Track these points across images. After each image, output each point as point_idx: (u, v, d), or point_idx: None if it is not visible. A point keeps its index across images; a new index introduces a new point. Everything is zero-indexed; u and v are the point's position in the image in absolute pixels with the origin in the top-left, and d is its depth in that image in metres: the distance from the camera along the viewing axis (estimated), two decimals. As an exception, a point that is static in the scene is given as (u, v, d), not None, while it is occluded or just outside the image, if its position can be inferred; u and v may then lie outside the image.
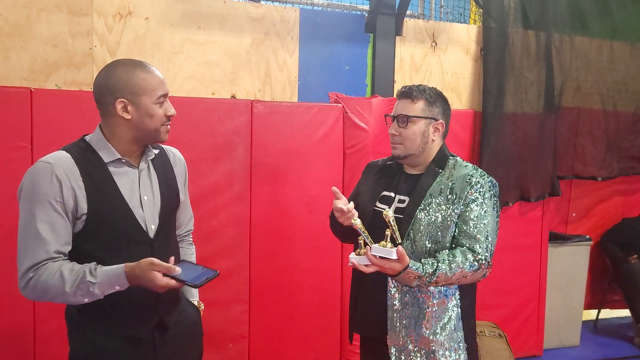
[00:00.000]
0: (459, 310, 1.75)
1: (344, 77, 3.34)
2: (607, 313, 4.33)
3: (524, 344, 3.63)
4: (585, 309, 3.98)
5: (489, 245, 1.69)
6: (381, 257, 1.52)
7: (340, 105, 3.03)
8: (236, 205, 2.87)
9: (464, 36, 3.59)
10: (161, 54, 2.94)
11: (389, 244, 1.53)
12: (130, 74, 1.48)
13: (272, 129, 2.92)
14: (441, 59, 3.54)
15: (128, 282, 1.41)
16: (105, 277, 1.40)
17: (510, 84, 3.47)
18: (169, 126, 1.56)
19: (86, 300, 1.42)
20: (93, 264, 1.43)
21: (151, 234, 1.54)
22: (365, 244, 1.57)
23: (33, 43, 2.71)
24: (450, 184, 1.74)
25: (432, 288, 1.70)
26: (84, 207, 1.44)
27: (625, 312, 4.16)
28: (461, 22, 3.75)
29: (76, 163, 1.45)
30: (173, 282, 1.41)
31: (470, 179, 1.73)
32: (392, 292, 1.74)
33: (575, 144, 3.71)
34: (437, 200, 1.72)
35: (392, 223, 1.53)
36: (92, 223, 1.45)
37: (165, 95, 1.53)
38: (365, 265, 1.57)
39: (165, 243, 1.59)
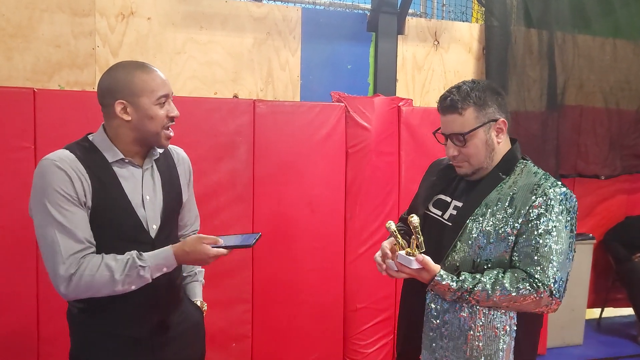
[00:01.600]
0: (512, 342, 1.49)
1: (346, 76, 3.34)
2: (610, 312, 4.31)
3: (527, 342, 3.62)
4: (588, 307, 3.97)
5: (554, 270, 1.41)
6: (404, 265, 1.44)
7: (342, 104, 3.03)
8: (238, 204, 2.87)
9: (466, 35, 3.58)
10: (163, 54, 2.95)
11: (416, 252, 1.43)
12: (130, 75, 1.48)
13: (275, 128, 2.92)
14: (443, 57, 3.54)
15: (176, 262, 1.46)
16: (153, 260, 1.44)
17: (513, 82, 3.46)
18: (171, 131, 1.55)
19: (134, 287, 1.43)
20: (135, 251, 1.45)
21: (152, 234, 1.54)
22: (417, 247, 1.45)
23: (36, 44, 2.72)
24: (511, 193, 1.49)
25: (477, 308, 1.48)
26: (90, 202, 1.44)
27: (629, 311, 4.15)
28: (463, 21, 3.74)
29: (80, 161, 1.45)
30: (223, 250, 1.47)
31: (536, 190, 1.46)
32: (431, 308, 1.55)
33: (578, 143, 3.70)
34: (492, 211, 1.48)
35: (417, 230, 1.41)
36: (94, 219, 1.45)
37: (167, 96, 1.52)
38: (395, 271, 1.47)
39: (166, 243, 1.57)
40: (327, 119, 3.00)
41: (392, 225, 1.45)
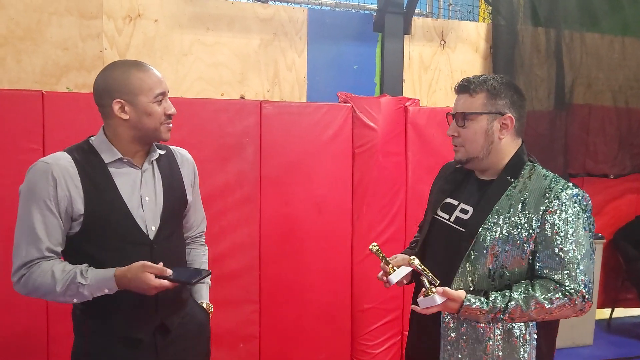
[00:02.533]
0: (534, 351, 1.48)
1: (353, 76, 3.33)
2: (620, 312, 4.28)
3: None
4: (598, 307, 3.94)
5: (583, 275, 1.39)
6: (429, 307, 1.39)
7: (349, 104, 3.03)
8: (246, 205, 2.88)
9: (473, 34, 3.57)
10: (170, 56, 2.96)
11: (433, 289, 1.38)
12: (126, 74, 1.48)
13: (281, 129, 2.93)
14: (450, 57, 3.53)
15: (117, 286, 1.42)
16: (94, 280, 1.42)
17: (520, 81, 3.44)
18: (170, 125, 1.55)
19: (75, 300, 1.45)
20: (84, 266, 1.44)
21: (151, 235, 1.53)
22: (430, 283, 1.40)
23: (44, 46, 2.74)
24: (522, 197, 1.45)
25: None
26: (80, 207, 1.44)
27: None
28: (470, 20, 3.73)
29: (75, 164, 1.46)
30: (166, 282, 1.42)
31: (548, 194, 1.43)
32: (447, 320, 1.51)
33: (587, 142, 3.68)
34: (505, 218, 1.45)
35: (421, 268, 1.38)
36: (90, 224, 1.46)
37: (163, 94, 1.51)
38: (425, 309, 1.41)
39: (166, 245, 1.57)
40: (334, 119, 3.00)
41: (374, 246, 1.49)
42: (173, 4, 2.94)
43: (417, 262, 1.37)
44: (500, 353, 1.46)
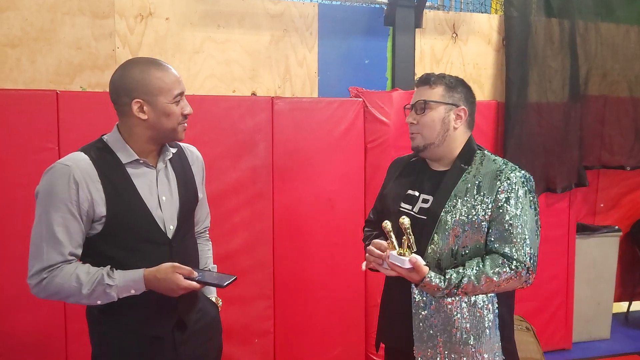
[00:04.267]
0: (497, 319, 1.60)
1: (364, 71, 3.32)
2: (638, 305, 4.23)
3: (553, 337, 3.57)
4: (615, 301, 3.90)
5: (528, 248, 1.54)
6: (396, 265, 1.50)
7: (360, 99, 3.02)
8: (259, 202, 2.89)
9: (485, 26, 3.53)
10: (182, 54, 2.97)
11: (407, 252, 1.49)
12: (145, 73, 1.47)
13: (293, 125, 2.93)
14: (462, 50, 3.50)
15: (145, 287, 1.43)
16: (122, 281, 1.42)
17: (534, 73, 3.40)
18: (185, 124, 1.55)
19: (99, 302, 1.44)
20: (108, 267, 1.44)
21: (170, 235, 1.54)
22: (408, 247, 1.51)
23: (58, 46, 2.77)
24: (477, 181, 1.59)
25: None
26: (102, 209, 1.44)
27: (658, 304, 4.08)
28: (482, 12, 3.69)
29: (94, 165, 1.45)
30: (195, 284, 1.43)
31: (499, 175, 1.58)
32: (417, 300, 1.61)
33: (602, 133, 3.63)
34: (463, 201, 1.58)
35: (408, 231, 1.47)
36: (111, 225, 1.46)
37: (181, 94, 1.51)
38: (385, 269, 1.55)
39: (183, 243, 1.59)
40: (346, 114, 3.00)
41: (388, 224, 1.52)
42: (184, 2, 2.96)
43: (407, 221, 1.48)
44: (468, 325, 1.57)
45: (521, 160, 3.26)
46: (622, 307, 4.17)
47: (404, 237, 1.49)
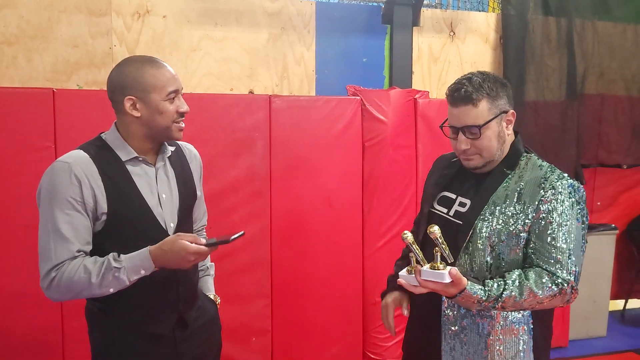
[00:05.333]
0: (532, 341, 1.48)
1: (362, 69, 3.32)
2: (634, 303, 4.24)
3: (549, 335, 3.58)
4: (611, 299, 3.91)
5: (573, 265, 1.41)
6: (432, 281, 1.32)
7: (358, 97, 3.02)
8: (257, 200, 2.89)
9: (483, 25, 3.54)
10: (179, 52, 2.96)
11: (441, 265, 1.31)
12: (139, 70, 1.46)
13: (291, 123, 2.92)
14: (460, 48, 3.50)
15: (154, 263, 1.40)
16: (130, 262, 1.40)
17: (531, 72, 3.41)
18: (182, 124, 1.53)
19: (112, 290, 1.41)
20: (114, 253, 1.42)
21: (170, 232, 1.53)
22: (417, 262, 1.36)
23: (54, 44, 2.76)
24: (518, 188, 1.46)
25: (494, 312, 1.45)
26: (103, 206, 1.44)
27: (654, 302, 4.09)
28: (480, 11, 3.69)
29: (94, 162, 1.45)
30: (204, 247, 1.40)
31: (543, 183, 1.44)
32: (448, 315, 1.50)
33: (600, 132, 3.64)
34: (501, 208, 1.45)
35: (440, 241, 1.30)
36: (112, 222, 1.45)
37: (176, 92, 1.50)
38: (414, 286, 1.36)
39: None
40: (343, 112, 3.00)
41: (409, 235, 1.33)
42: (181, 0, 2.95)
43: (437, 230, 1.30)
44: (501, 347, 1.46)
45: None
46: (618, 304, 4.18)
47: (436, 248, 1.32)
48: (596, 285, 3.76)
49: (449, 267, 1.32)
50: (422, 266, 1.34)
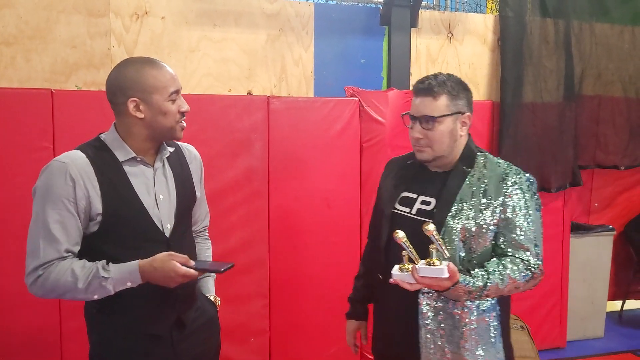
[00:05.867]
0: (500, 326, 1.58)
1: (360, 70, 3.33)
2: (632, 304, 4.26)
3: (547, 336, 3.59)
4: (609, 300, 3.92)
5: (538, 250, 1.54)
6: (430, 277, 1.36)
7: (356, 99, 3.03)
8: (255, 200, 2.89)
9: (481, 26, 3.55)
10: (178, 53, 2.97)
11: (437, 262, 1.36)
12: (140, 72, 1.47)
13: (289, 124, 2.93)
14: (458, 50, 3.51)
15: (141, 278, 1.41)
16: (118, 273, 1.41)
17: (529, 73, 3.42)
18: (184, 123, 1.54)
19: (96, 297, 1.42)
20: (104, 261, 1.43)
21: (167, 233, 1.54)
22: (410, 260, 1.39)
23: (53, 45, 2.76)
24: (482, 185, 1.56)
25: (469, 303, 1.53)
26: (98, 207, 1.44)
27: (651, 303, 4.10)
28: (477, 12, 3.70)
29: (91, 163, 1.45)
30: (192, 271, 1.42)
31: (505, 179, 1.55)
32: (424, 311, 1.55)
33: (597, 133, 3.65)
34: (469, 205, 1.54)
35: (436, 237, 1.34)
36: (108, 223, 1.45)
37: (177, 92, 1.51)
38: (410, 284, 1.39)
39: (180, 241, 1.58)
40: (341, 113, 3.00)
41: (402, 234, 1.35)
42: (180, 1, 2.95)
43: (432, 227, 1.33)
44: (475, 335, 1.54)
45: (516, 160, 3.27)
46: (616, 305, 4.19)
47: (432, 245, 1.36)
48: (594, 286, 3.77)
49: (445, 262, 1.37)
50: (416, 264, 1.38)
